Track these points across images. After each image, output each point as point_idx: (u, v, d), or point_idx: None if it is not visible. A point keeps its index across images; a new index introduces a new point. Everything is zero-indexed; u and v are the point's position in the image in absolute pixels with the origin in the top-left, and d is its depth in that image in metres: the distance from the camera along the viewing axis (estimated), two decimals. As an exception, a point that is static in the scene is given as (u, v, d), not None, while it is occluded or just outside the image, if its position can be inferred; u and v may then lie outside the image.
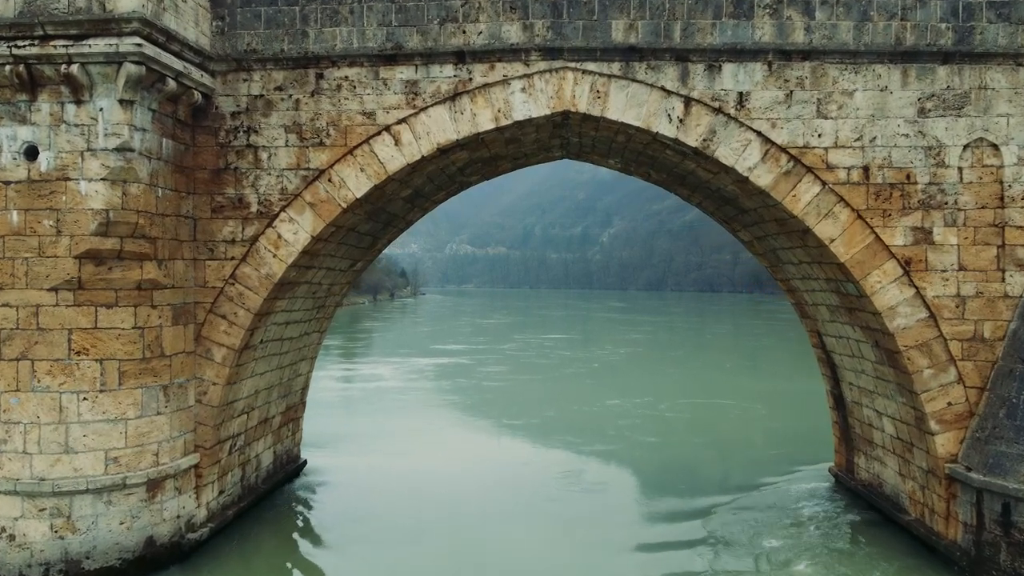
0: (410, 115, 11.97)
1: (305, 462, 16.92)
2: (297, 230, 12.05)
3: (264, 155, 12.09)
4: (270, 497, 14.87)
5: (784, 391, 30.71)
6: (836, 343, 14.44)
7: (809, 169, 11.72)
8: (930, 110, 11.69)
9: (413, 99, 11.98)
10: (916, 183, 11.66)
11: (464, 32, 11.84)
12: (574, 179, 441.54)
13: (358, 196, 12.02)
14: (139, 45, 10.17)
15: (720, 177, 12.67)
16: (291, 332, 14.25)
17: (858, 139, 11.70)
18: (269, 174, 12.08)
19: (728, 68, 11.76)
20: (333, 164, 12.02)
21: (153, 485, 11.12)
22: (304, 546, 13.36)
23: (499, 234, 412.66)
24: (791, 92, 11.76)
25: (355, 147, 12.00)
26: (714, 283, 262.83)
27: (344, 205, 12.03)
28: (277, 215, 12.06)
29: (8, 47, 10.22)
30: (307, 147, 12.05)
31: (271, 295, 12.22)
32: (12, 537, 10.54)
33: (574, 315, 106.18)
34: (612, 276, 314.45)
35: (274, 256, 12.05)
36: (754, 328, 75.48)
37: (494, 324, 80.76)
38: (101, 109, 10.38)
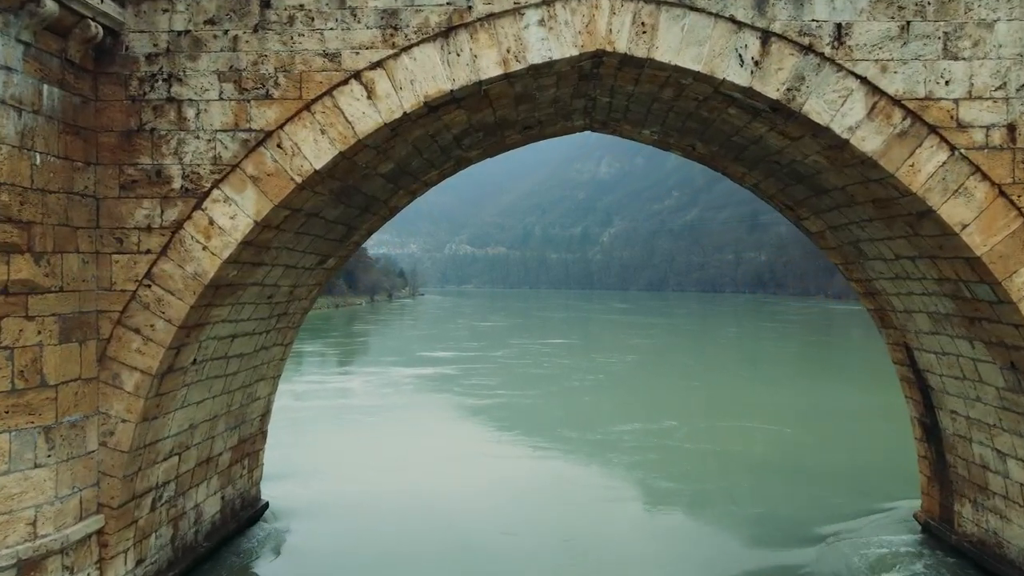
0: (388, 57, 8.85)
1: (266, 505, 13.78)
2: (235, 213, 8.93)
3: (191, 112, 8.96)
4: (216, 556, 11.72)
5: (822, 408, 27.39)
6: (936, 361, 11.32)
7: (933, 129, 8.59)
8: (1099, 48, 8.59)
9: (392, 35, 8.85)
10: (1082, 147, 8.55)
11: (461, -56, 8.73)
12: (574, 179, 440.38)
13: (317, 168, 8.90)
14: (-11, -59, 7.08)
15: (801, 144, 9.55)
16: (240, 347, 11.13)
17: (1000, 87, 8.58)
18: (197, 138, 8.95)
19: (822, -9, 8.64)
20: (284, 124, 8.90)
21: (29, 567, 7.99)
22: (254, 628, 10.29)
23: (499, 234, 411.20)
24: (907, 24, 8.64)
25: (313, 101, 8.88)
26: (716, 283, 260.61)
27: (299, 180, 8.91)
28: (208, 193, 8.93)
29: None
30: (248, 101, 8.92)
31: (203, 301, 9.10)
32: None
33: (575, 317, 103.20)
34: (613, 276, 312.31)
35: (204, 249, 8.92)
36: (766, 331, 72.34)
37: (490, 327, 77.64)
38: (-60, 36, 7.28)
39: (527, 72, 8.99)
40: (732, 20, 8.68)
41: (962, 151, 8.55)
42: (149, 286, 8.93)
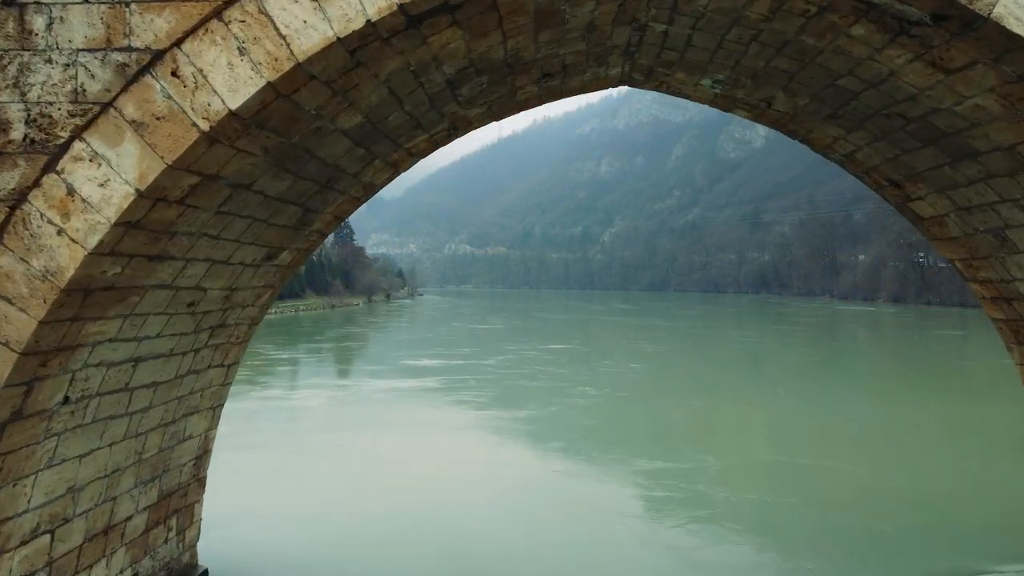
0: (342, -65, 5.73)
1: (204, 573, 10.66)
2: (108, 178, 5.81)
3: (39, 21, 5.84)
4: (124, 657, 8.63)
5: (885, 433, 23.99)
6: (1115, 393, 8.22)
7: None
8: None
9: (349, -98, 5.74)
10: None
11: None
12: (574, 178, 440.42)
13: (234, 108, 5.78)
14: None
15: (961, 80, 6.42)
16: (151, 375, 8.02)
17: None
18: (49, 61, 5.83)
19: None
20: (182, 40, 5.78)
21: None
22: None
23: (499, 234, 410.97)
24: None
25: (227, 3, 5.76)
26: (719, 283, 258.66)
27: (206, 127, 5.79)
28: (66, 147, 5.82)
29: None
30: (127, 4, 5.80)
31: (64, 312, 6.00)
32: None
33: (577, 319, 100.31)
34: (614, 276, 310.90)
35: (60, 233, 5.81)
36: (783, 335, 69.22)
37: (487, 330, 74.53)
38: None
39: (557, -37, 5.88)
40: None
41: None
42: (-24, 291, 5.82)
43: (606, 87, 10.08)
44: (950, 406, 28.94)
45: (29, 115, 5.81)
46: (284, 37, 5.71)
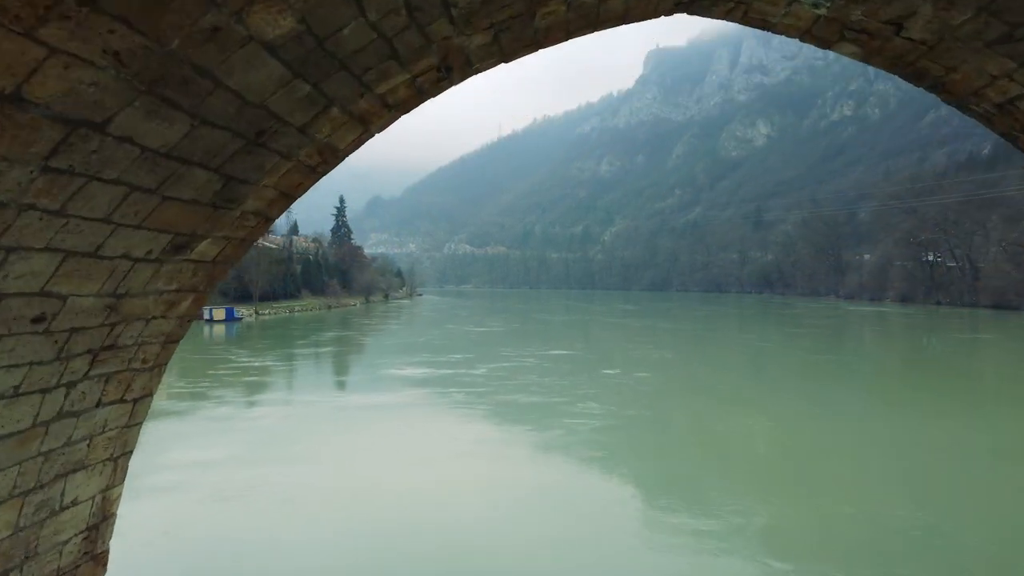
0: None
1: None
2: None
3: None
4: None
5: (931, 460, 21.09)
6: None
7: None
8: None
9: None
10: None
11: None
12: (575, 177, 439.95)
13: (8, -55, 2.98)
14: None
15: None
16: (-21, 427, 5.23)
17: None
18: None
19: None
20: None
21: None
22: None
23: (498, 233, 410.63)
24: None
25: None
26: (721, 283, 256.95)
27: (-45, -16, 2.99)
28: None
29: None
30: None
31: None
32: None
33: (578, 320, 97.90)
34: (615, 276, 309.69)
35: None
36: (796, 338, 66.55)
37: (483, 333, 71.94)
38: None
39: None
40: None
41: None
42: None
43: (659, 13, 7.29)
44: (1006, 424, 26.18)
45: None
46: None
